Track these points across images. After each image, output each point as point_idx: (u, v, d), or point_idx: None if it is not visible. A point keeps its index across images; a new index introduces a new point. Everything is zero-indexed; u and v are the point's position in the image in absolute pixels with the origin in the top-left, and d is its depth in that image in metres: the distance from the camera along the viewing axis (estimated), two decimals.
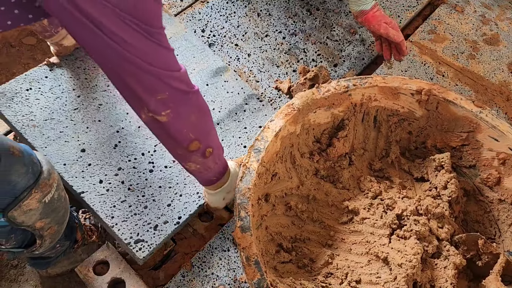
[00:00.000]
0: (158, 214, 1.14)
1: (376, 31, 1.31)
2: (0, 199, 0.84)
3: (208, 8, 1.57)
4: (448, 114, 1.17)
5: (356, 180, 1.21)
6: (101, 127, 1.23)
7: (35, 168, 0.87)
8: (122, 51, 0.72)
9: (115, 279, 1.11)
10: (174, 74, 0.80)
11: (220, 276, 1.12)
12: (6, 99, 1.21)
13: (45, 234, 0.96)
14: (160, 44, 0.76)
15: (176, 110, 0.82)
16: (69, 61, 1.32)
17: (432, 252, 1.04)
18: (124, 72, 0.75)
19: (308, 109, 1.13)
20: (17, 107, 1.21)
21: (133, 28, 0.71)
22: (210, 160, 0.94)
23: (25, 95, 1.23)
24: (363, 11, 1.29)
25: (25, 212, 0.87)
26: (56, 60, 1.30)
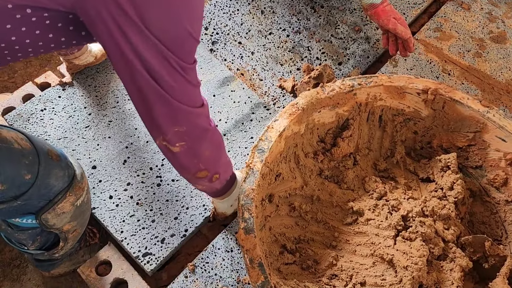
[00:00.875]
0: (165, 228, 1.15)
1: (384, 26, 1.29)
2: (36, 202, 0.85)
3: (211, 5, 1.55)
4: (454, 114, 1.16)
5: (361, 180, 1.19)
6: (111, 144, 1.25)
7: (70, 171, 0.89)
8: (154, 84, 0.73)
9: (118, 279, 1.10)
10: (196, 110, 0.80)
11: (223, 277, 1.11)
12: (23, 121, 1.25)
13: (69, 236, 0.98)
14: (190, 81, 0.77)
15: (191, 145, 0.83)
16: (80, 79, 1.34)
17: (438, 254, 1.03)
18: (149, 100, 0.75)
19: (313, 108, 1.12)
20: (33, 128, 1.24)
21: (170, 62, 0.72)
22: (216, 183, 0.96)
23: (40, 115, 1.27)
24: (373, 4, 1.28)
25: (58, 215, 0.89)
26: (69, 79, 1.33)
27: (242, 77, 1.43)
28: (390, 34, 1.34)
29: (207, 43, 1.47)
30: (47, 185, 0.84)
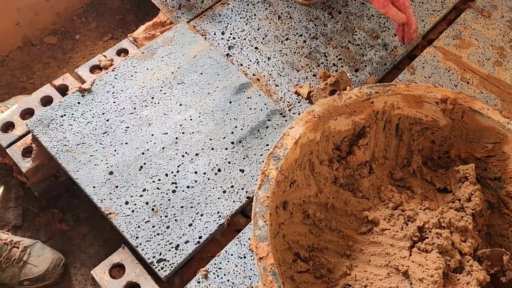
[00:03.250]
0: (179, 234, 1.15)
1: (378, 9, 1.23)
2: None
3: (228, 10, 1.56)
4: (473, 124, 1.14)
5: (376, 189, 1.18)
6: (128, 150, 1.25)
7: None
8: None
9: (131, 283, 1.11)
10: None
11: (236, 283, 1.10)
12: (43, 126, 1.26)
13: None
14: None
15: None
16: (99, 86, 1.35)
17: (454, 266, 1.01)
18: None
19: (329, 116, 1.11)
20: (52, 133, 1.26)
21: None
22: None
23: (60, 121, 1.28)
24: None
25: None
26: (88, 86, 1.33)
27: (258, 82, 1.42)
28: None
29: (223, 48, 1.47)
30: None
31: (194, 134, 1.30)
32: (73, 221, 1.41)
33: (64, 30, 1.79)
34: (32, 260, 1.23)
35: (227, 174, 1.25)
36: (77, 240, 1.38)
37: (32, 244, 1.26)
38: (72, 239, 1.38)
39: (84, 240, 1.38)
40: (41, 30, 1.76)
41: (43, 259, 1.25)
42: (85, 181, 1.20)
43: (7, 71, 1.68)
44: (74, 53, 1.75)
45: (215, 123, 1.32)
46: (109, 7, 1.89)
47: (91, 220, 1.41)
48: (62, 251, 1.35)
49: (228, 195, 1.23)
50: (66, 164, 1.22)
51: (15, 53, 1.71)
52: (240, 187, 1.24)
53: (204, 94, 1.37)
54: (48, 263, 1.24)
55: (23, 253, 1.23)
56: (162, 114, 1.32)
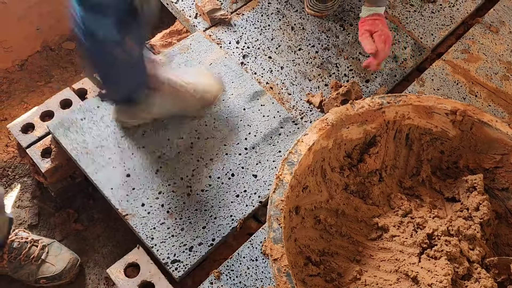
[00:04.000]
0: (193, 236, 1.18)
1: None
2: None
3: (243, 20, 1.60)
4: (482, 136, 1.17)
5: (386, 197, 1.21)
6: (145, 153, 1.29)
7: None
8: None
9: (145, 282, 1.14)
10: None
11: (248, 285, 1.13)
12: (64, 129, 1.30)
13: None
14: None
15: None
16: None
17: (462, 273, 1.04)
18: None
19: (342, 124, 1.15)
20: (73, 136, 1.29)
21: None
22: None
23: (80, 124, 1.32)
24: (361, 18, 1.36)
25: None
26: None
27: (271, 90, 1.46)
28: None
29: (238, 56, 1.52)
30: None
31: (209, 140, 1.34)
32: (88, 221, 1.44)
33: None
34: (50, 259, 1.26)
35: (240, 179, 1.29)
36: (91, 240, 1.41)
37: (50, 243, 1.29)
38: (86, 239, 1.41)
39: (98, 240, 1.41)
40: (60, 35, 1.81)
41: (60, 259, 1.27)
42: (103, 183, 1.23)
43: (26, 74, 1.72)
44: None
45: (229, 129, 1.36)
46: None
47: (105, 221, 1.44)
48: (76, 251, 1.37)
49: (241, 199, 1.26)
50: (85, 166, 1.25)
51: (34, 57, 1.76)
52: (253, 192, 1.27)
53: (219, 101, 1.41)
54: (65, 263, 1.27)
55: (42, 251, 1.26)
56: (178, 119, 1.36)
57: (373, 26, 1.33)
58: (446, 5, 1.73)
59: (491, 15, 1.72)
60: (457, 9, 1.73)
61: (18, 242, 1.23)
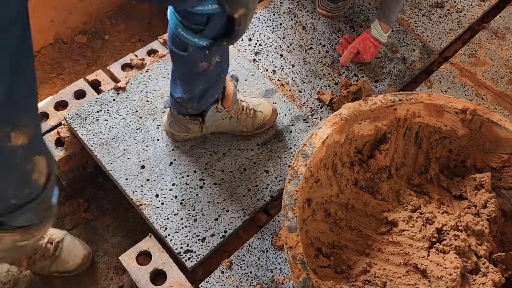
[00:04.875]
0: (206, 227, 1.21)
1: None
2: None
3: (255, 18, 1.63)
4: (490, 135, 1.20)
5: (395, 193, 1.23)
6: (159, 146, 1.31)
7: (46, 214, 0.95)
8: None
9: (157, 270, 1.15)
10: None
11: (258, 275, 1.15)
12: (80, 120, 1.33)
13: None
14: None
15: None
16: (133, 85, 1.41)
17: (470, 268, 1.06)
18: None
19: (355, 120, 1.17)
20: (89, 127, 1.32)
21: None
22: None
23: (96, 116, 1.34)
24: (369, 31, 1.50)
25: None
26: (123, 84, 1.40)
27: (282, 87, 1.49)
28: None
29: (250, 53, 1.54)
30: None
31: (222, 135, 1.36)
32: (98, 211, 1.45)
33: (94, 30, 1.87)
34: (64, 254, 1.23)
35: (252, 174, 1.31)
36: (101, 229, 1.42)
37: (62, 238, 1.25)
38: (95, 229, 1.42)
39: (108, 230, 1.42)
40: (72, 29, 1.82)
41: (74, 255, 1.25)
42: (118, 173, 1.25)
43: (38, 66, 1.74)
44: (103, 53, 1.82)
45: None
46: (138, 11, 1.96)
47: (115, 211, 1.45)
48: (86, 240, 1.38)
49: (253, 193, 1.28)
50: (101, 156, 1.27)
51: (47, 49, 1.78)
52: (264, 187, 1.29)
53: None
54: (79, 259, 1.25)
55: (56, 248, 1.22)
56: None
57: (364, 50, 1.49)
58: (453, 11, 1.77)
59: (497, 22, 1.75)
60: (464, 14, 1.77)
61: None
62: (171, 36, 1.04)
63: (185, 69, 1.10)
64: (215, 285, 1.12)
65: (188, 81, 1.12)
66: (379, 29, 1.44)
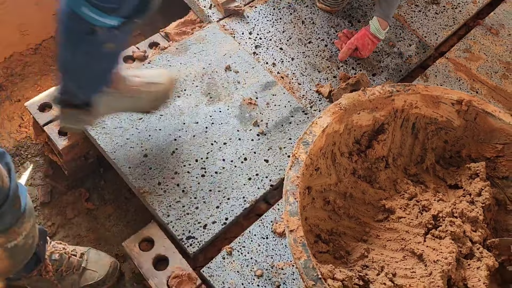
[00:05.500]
0: (207, 215, 1.23)
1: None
2: None
3: (255, 13, 1.66)
4: (485, 126, 1.23)
5: (392, 182, 1.26)
6: (161, 135, 1.33)
7: (15, 217, 0.87)
8: None
9: (160, 256, 1.17)
10: None
11: (259, 261, 1.17)
12: None
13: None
14: None
15: None
16: None
17: (465, 253, 1.09)
18: None
19: (354, 109, 1.20)
20: None
21: None
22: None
23: None
24: (367, 28, 1.53)
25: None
26: None
27: (282, 80, 1.52)
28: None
29: (250, 46, 1.57)
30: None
31: (223, 125, 1.38)
32: (99, 201, 1.47)
33: None
34: (91, 266, 1.21)
35: (253, 163, 1.33)
36: (102, 219, 1.44)
37: (86, 251, 1.25)
38: (97, 218, 1.44)
39: (109, 219, 1.44)
40: None
41: (101, 264, 1.23)
42: (121, 161, 1.27)
43: (39, 58, 1.75)
44: None
45: (242, 116, 1.41)
46: None
47: (116, 201, 1.48)
48: (87, 229, 1.41)
49: (253, 182, 1.30)
50: (104, 145, 1.29)
51: (48, 42, 1.79)
52: (265, 176, 1.31)
53: (233, 89, 1.46)
54: (107, 267, 1.23)
55: (81, 260, 1.21)
56: (193, 105, 1.40)
57: (362, 46, 1.52)
58: (449, 7, 1.81)
59: (491, 18, 1.79)
60: (459, 11, 1.80)
61: (58, 254, 1.17)
62: (68, 15, 0.89)
63: (82, 53, 0.95)
64: (216, 270, 1.15)
65: (84, 65, 0.99)
66: (378, 25, 1.48)
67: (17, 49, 1.73)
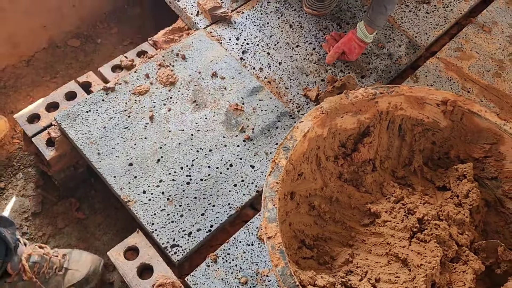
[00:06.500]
0: (192, 222, 1.23)
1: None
2: None
3: (243, 18, 1.66)
4: (472, 126, 1.21)
5: (379, 185, 1.25)
6: (147, 144, 1.34)
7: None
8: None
9: (144, 265, 1.17)
10: None
11: (244, 268, 1.16)
12: (70, 120, 1.35)
13: None
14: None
15: None
16: (122, 85, 1.44)
17: (451, 256, 1.07)
18: None
19: (336, 113, 1.19)
20: (78, 127, 1.34)
21: None
22: None
23: (85, 116, 1.37)
24: (354, 31, 1.51)
25: None
26: (112, 85, 1.42)
27: (269, 85, 1.51)
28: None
29: (237, 52, 1.57)
30: None
31: (208, 132, 1.38)
32: (89, 210, 1.48)
33: (87, 34, 1.90)
34: (73, 265, 1.23)
35: (239, 169, 1.33)
36: (92, 228, 1.45)
37: (69, 252, 1.26)
38: (87, 227, 1.45)
39: (99, 228, 1.45)
40: (65, 33, 1.86)
41: (83, 263, 1.25)
42: (106, 170, 1.28)
43: (32, 70, 1.78)
44: (96, 56, 1.86)
45: (228, 122, 1.41)
46: (130, 14, 2.00)
47: (106, 210, 1.48)
48: (77, 238, 1.41)
49: (239, 188, 1.30)
50: (89, 155, 1.30)
51: (41, 54, 1.81)
52: (250, 182, 1.31)
53: (219, 96, 1.46)
54: (89, 266, 1.25)
55: (63, 260, 1.23)
56: (179, 112, 1.41)
57: (349, 51, 1.52)
58: (440, 6, 1.79)
59: (484, 16, 1.77)
60: (451, 9, 1.78)
61: (37, 255, 1.18)
62: None
63: None
64: (201, 278, 1.14)
65: None
66: (364, 30, 1.46)
67: (9, 62, 1.75)
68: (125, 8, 2.01)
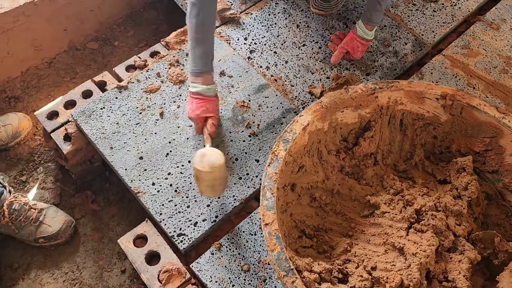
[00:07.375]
0: (198, 213, 1.28)
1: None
2: None
3: (251, 19, 1.71)
4: (472, 120, 1.23)
5: (380, 178, 1.27)
6: (157, 139, 1.41)
7: None
8: None
9: (152, 252, 1.23)
10: None
11: (246, 256, 1.21)
12: (85, 117, 1.44)
13: None
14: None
15: None
16: (134, 84, 1.51)
17: (448, 246, 1.09)
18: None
19: (336, 107, 1.23)
20: (93, 123, 1.43)
21: None
22: None
23: (100, 113, 1.45)
24: (354, 31, 1.54)
25: None
26: (125, 83, 1.50)
27: (275, 82, 1.56)
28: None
29: (245, 51, 1.62)
30: None
31: None
32: (104, 202, 1.56)
33: (104, 37, 2.00)
34: (47, 220, 1.41)
35: (244, 163, 1.38)
36: (106, 219, 1.52)
37: (47, 207, 1.44)
38: (102, 218, 1.52)
39: (113, 219, 1.52)
40: (85, 36, 1.96)
41: (56, 221, 1.42)
42: (118, 164, 1.35)
43: (53, 71, 1.88)
44: (113, 57, 1.95)
45: (235, 118, 1.46)
46: (145, 18, 2.09)
47: (120, 203, 1.56)
48: (93, 228, 1.49)
49: (244, 181, 1.34)
50: (103, 149, 1.37)
51: (62, 56, 1.92)
52: (255, 175, 1.36)
53: (226, 93, 1.51)
54: (60, 224, 1.42)
55: (39, 214, 1.41)
56: None
57: (352, 50, 1.55)
58: (448, 4, 1.80)
59: (492, 13, 1.77)
60: (459, 8, 1.79)
61: (18, 204, 1.38)
62: None
63: None
64: (205, 265, 1.19)
65: None
66: (364, 28, 1.49)
67: (32, 64, 1.86)
68: (141, 12, 2.10)
